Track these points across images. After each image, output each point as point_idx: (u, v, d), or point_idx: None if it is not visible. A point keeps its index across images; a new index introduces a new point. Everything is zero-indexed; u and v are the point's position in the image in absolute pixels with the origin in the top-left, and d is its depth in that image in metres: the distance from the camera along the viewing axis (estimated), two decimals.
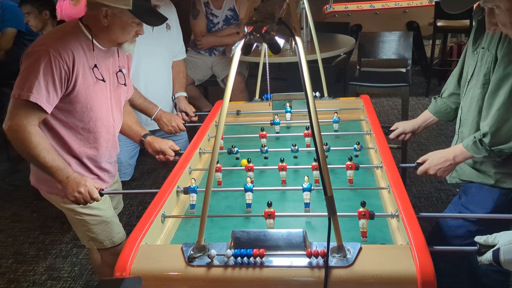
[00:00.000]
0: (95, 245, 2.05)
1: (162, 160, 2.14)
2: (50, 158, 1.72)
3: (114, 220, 2.05)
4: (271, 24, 1.06)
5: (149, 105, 2.41)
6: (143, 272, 1.20)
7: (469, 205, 1.81)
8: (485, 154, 1.63)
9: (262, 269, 1.17)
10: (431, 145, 4.15)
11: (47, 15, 3.74)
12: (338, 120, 2.21)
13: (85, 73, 1.78)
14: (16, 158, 4.43)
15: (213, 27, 3.82)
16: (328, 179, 1.11)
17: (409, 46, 4.23)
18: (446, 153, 1.74)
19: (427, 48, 6.27)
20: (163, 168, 3.79)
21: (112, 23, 1.77)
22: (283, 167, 1.73)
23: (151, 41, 2.58)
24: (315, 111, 1.08)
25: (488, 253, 1.23)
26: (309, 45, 3.86)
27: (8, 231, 3.35)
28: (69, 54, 1.72)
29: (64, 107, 1.79)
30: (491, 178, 1.73)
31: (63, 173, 1.74)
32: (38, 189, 1.99)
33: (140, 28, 1.83)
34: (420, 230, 1.26)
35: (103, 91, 1.87)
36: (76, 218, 1.98)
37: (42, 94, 1.67)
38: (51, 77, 1.68)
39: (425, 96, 5.43)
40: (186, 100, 2.78)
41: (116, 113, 1.98)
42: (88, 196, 1.75)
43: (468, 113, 1.75)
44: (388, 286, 1.14)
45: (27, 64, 1.70)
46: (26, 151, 1.71)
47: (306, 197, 1.56)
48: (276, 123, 2.25)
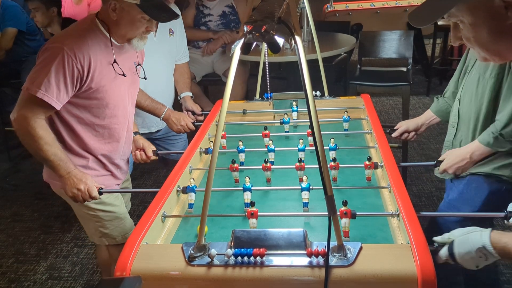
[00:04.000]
0: (107, 241, 2.04)
1: (138, 160, 2.16)
2: (52, 151, 1.73)
3: (127, 216, 2.07)
4: (271, 23, 1.05)
5: (157, 105, 2.40)
6: (144, 271, 1.20)
7: (457, 203, 1.81)
8: (510, 146, 1.61)
9: (262, 269, 1.17)
10: (432, 144, 4.15)
11: (54, 12, 3.74)
12: (349, 119, 2.20)
13: (103, 70, 1.79)
14: (16, 157, 4.43)
15: (202, 18, 3.80)
16: (328, 179, 1.10)
17: (410, 45, 4.23)
18: (462, 152, 1.73)
19: (428, 47, 6.26)
20: (163, 168, 3.78)
21: (121, 17, 1.76)
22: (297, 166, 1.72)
23: (152, 47, 2.55)
24: (315, 111, 1.08)
25: (443, 249, 1.24)
26: (310, 44, 3.85)
27: (9, 231, 3.35)
28: (84, 53, 1.72)
29: (80, 103, 1.80)
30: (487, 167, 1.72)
31: (64, 168, 1.75)
32: (50, 184, 2.00)
33: (151, 25, 1.81)
34: (421, 229, 1.26)
35: (122, 86, 1.89)
36: (88, 214, 1.97)
37: (51, 91, 1.68)
38: (62, 75, 1.69)
39: (425, 95, 5.42)
40: (192, 100, 2.78)
41: (130, 108, 2.00)
42: (87, 194, 1.76)
43: (471, 103, 1.73)
44: (389, 285, 1.13)
45: (41, 59, 1.72)
46: (29, 143, 1.73)
47: (305, 197, 1.56)
48: (285, 122, 2.24)
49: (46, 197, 3.66)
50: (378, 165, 1.73)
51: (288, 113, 2.32)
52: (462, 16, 1.20)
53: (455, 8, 1.18)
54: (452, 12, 1.20)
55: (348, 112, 2.24)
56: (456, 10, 1.19)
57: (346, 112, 2.22)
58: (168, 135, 2.75)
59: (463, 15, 1.20)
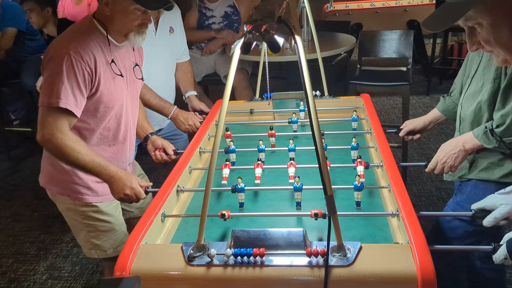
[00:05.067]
0: (97, 253, 2.00)
1: (158, 160, 2.12)
2: (89, 160, 1.70)
3: (123, 229, 2.03)
4: (271, 23, 1.05)
5: (165, 104, 2.39)
6: (143, 271, 1.20)
7: (465, 204, 1.80)
8: (495, 144, 1.62)
9: (262, 269, 1.17)
10: (432, 144, 4.15)
11: (49, 12, 3.75)
12: (357, 119, 2.19)
13: (105, 71, 1.77)
14: (16, 158, 4.43)
15: (206, 20, 3.80)
16: (328, 178, 1.10)
17: (410, 45, 4.23)
18: (456, 141, 1.74)
19: (428, 46, 6.26)
20: (163, 168, 3.78)
21: (114, 11, 1.73)
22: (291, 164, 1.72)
23: (154, 45, 2.56)
24: (315, 110, 1.08)
25: (500, 249, 1.20)
26: (310, 44, 3.85)
27: (9, 231, 3.35)
28: (90, 54, 1.70)
29: (86, 108, 1.76)
30: (493, 173, 1.72)
31: (105, 173, 1.73)
32: (47, 190, 1.98)
33: (146, 17, 1.77)
34: (421, 229, 1.26)
35: (121, 87, 1.86)
36: (83, 223, 1.94)
37: (70, 98, 1.65)
38: (75, 80, 1.66)
39: (425, 95, 5.42)
40: (197, 99, 2.77)
41: (132, 108, 1.97)
42: (135, 197, 1.74)
43: (469, 109, 1.75)
44: (389, 285, 1.13)
45: (51, 70, 1.67)
46: (64, 158, 1.70)
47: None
48: (294, 121, 2.23)
49: (46, 197, 3.58)
50: (368, 165, 1.72)
51: (296, 112, 2.32)
52: (480, 18, 1.15)
53: (472, 10, 1.13)
54: (469, 15, 1.14)
55: (349, 111, 2.23)
56: (473, 12, 1.13)
57: (355, 111, 2.21)
58: (169, 134, 2.74)
59: (482, 17, 1.14)
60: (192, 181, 1.84)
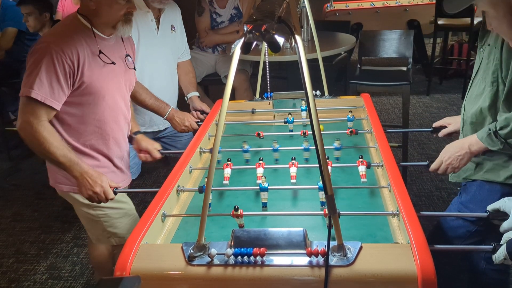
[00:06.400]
0: (115, 241, 2.03)
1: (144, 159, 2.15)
2: (61, 153, 1.72)
3: (134, 213, 2.07)
4: (271, 23, 1.05)
5: (161, 105, 2.39)
6: (143, 271, 1.20)
7: (469, 204, 1.80)
8: (499, 146, 1.62)
9: (262, 268, 1.17)
10: (432, 144, 4.15)
11: (47, 17, 3.76)
12: (353, 119, 2.19)
13: (91, 63, 1.79)
14: (16, 158, 4.43)
15: (216, 26, 3.83)
16: (329, 178, 1.10)
17: (410, 45, 4.23)
18: (462, 143, 1.73)
19: (428, 46, 6.26)
20: (163, 167, 3.79)
21: (99, 3, 1.77)
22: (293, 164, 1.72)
23: (156, 43, 2.56)
24: (315, 110, 1.08)
25: (500, 250, 1.19)
26: (310, 44, 3.85)
27: (9, 231, 3.35)
28: (72, 48, 1.73)
29: (78, 101, 1.80)
30: (498, 175, 1.72)
31: (76, 169, 1.75)
32: (57, 189, 2.00)
33: (131, 5, 1.82)
34: (421, 228, 1.26)
35: (114, 76, 1.89)
36: (97, 214, 1.97)
37: (44, 90, 1.68)
38: (54, 73, 1.69)
39: (426, 95, 5.42)
40: (199, 99, 2.77)
41: (128, 98, 2.01)
42: (104, 196, 1.76)
43: (471, 111, 1.75)
44: (389, 285, 1.13)
45: (30, 62, 1.72)
46: (37, 148, 1.73)
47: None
48: (289, 121, 2.23)
49: (46, 197, 3.66)
50: (370, 164, 1.72)
51: (291, 112, 2.31)
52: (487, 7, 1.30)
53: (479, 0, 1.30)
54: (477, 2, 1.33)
55: (349, 111, 2.23)
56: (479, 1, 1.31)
57: (351, 112, 2.21)
58: (175, 132, 2.74)
59: (486, 8, 1.30)
60: (192, 181, 1.84)
